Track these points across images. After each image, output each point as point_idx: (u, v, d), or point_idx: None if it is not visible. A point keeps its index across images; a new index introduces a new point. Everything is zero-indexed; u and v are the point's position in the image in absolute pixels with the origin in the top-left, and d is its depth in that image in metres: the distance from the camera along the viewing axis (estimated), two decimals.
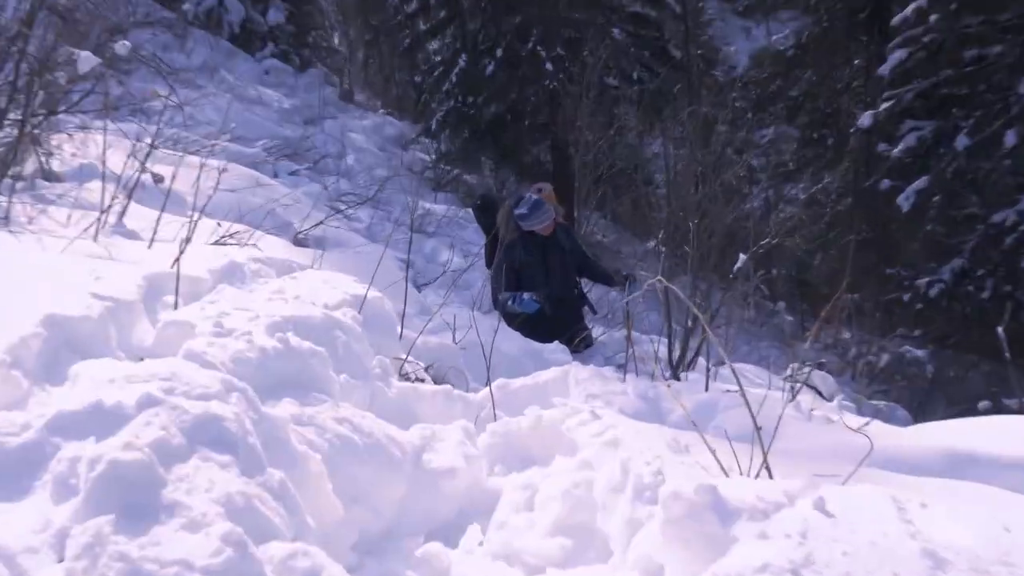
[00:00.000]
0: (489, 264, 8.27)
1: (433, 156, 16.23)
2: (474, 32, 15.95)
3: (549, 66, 15.16)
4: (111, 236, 5.07)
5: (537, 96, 15.43)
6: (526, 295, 7.58)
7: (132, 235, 5.25)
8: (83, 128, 6.93)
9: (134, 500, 2.47)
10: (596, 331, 7.98)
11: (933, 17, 14.19)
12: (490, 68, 15.60)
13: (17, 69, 5.95)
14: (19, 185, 5.66)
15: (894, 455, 3.82)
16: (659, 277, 4.30)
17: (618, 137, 16.81)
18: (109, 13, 10.30)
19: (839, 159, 17.20)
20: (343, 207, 10.04)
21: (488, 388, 4.72)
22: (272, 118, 13.47)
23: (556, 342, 6.97)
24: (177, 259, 4.20)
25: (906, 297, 14.50)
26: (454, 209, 13.49)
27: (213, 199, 6.10)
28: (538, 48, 15.25)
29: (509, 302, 7.61)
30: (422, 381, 5.08)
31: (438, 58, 17.06)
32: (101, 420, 2.73)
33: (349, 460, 3.37)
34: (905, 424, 8.91)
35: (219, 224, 6.02)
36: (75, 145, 6.76)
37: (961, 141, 14.14)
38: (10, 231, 4.68)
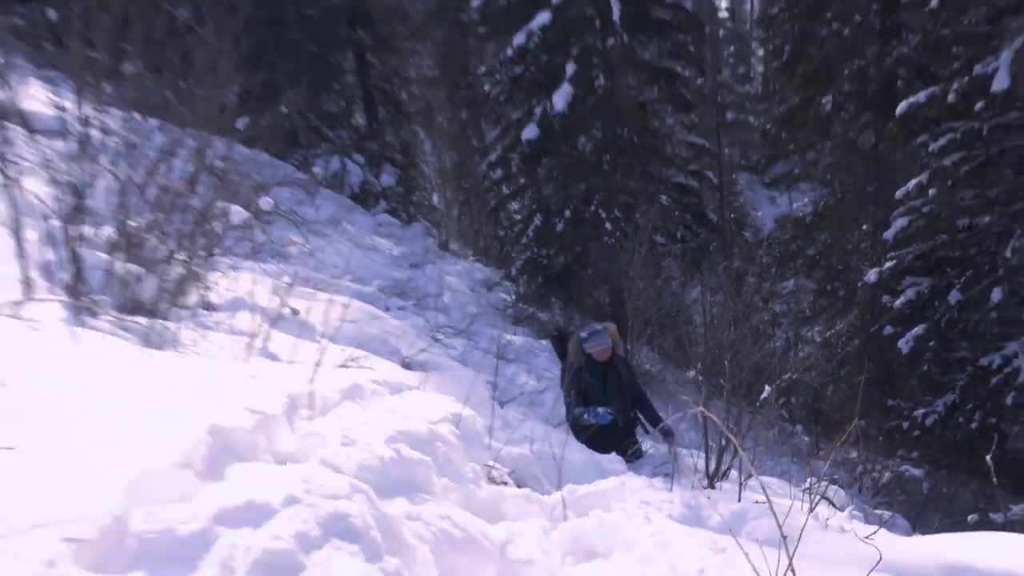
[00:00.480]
0: (562, 386, 8.32)
1: (513, 297, 16.36)
2: (547, 196, 16.18)
3: (608, 225, 15.32)
4: (258, 357, 5.20)
5: (598, 250, 15.55)
6: (600, 409, 7.59)
7: (274, 357, 5.38)
8: (235, 267, 7.16)
9: None
10: (645, 444, 7.99)
11: (932, 191, 14.24)
12: (560, 226, 15.80)
13: (183, 219, 6.18)
14: (184, 313, 5.83)
15: (899, 563, 3.80)
16: (700, 408, 4.33)
17: (664, 285, 16.93)
18: (255, 175, 10.61)
19: (849, 308, 17.11)
20: (441, 337, 10.19)
21: (560, 493, 4.76)
22: (384, 262, 13.67)
23: (613, 453, 7.00)
24: (311, 379, 4.31)
25: (906, 424, 14.38)
26: (530, 340, 13.56)
27: (339, 329, 6.25)
28: (599, 210, 15.43)
29: (584, 415, 7.62)
30: (506, 484, 5.11)
31: (518, 216, 17.32)
32: (254, 514, 2.80)
33: (448, 550, 3.42)
34: (905, 533, 8.75)
35: (343, 350, 6.14)
36: (228, 281, 6.96)
37: (954, 296, 14.11)
38: (178, 352, 4.83)
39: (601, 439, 7.44)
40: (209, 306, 6.49)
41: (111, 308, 5.25)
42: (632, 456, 7.64)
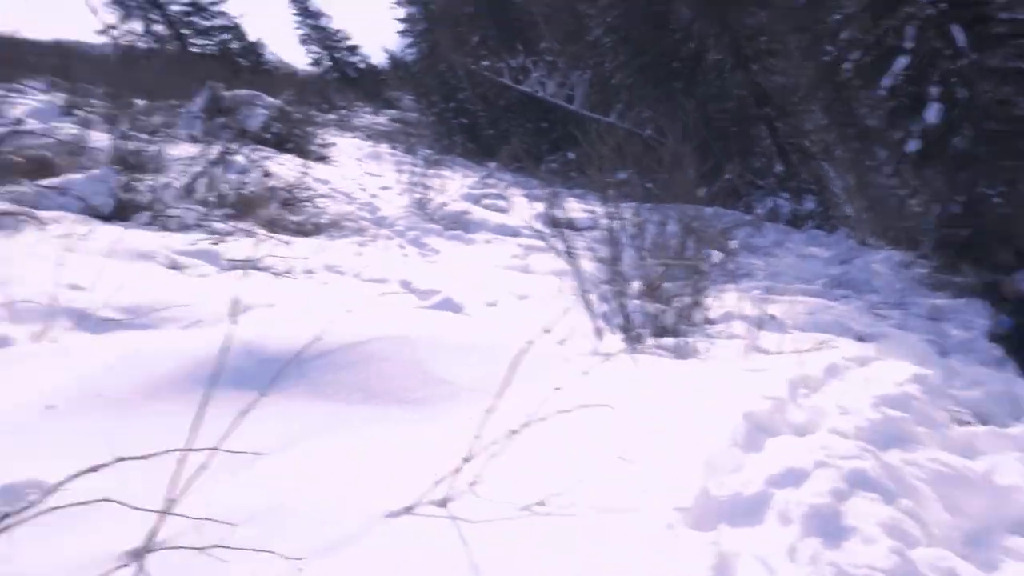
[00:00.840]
0: None
1: (929, 270, 14.48)
2: (938, 190, 14.12)
3: (997, 199, 13.03)
4: (754, 353, 4.99)
5: (993, 221, 13.29)
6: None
7: (765, 352, 5.13)
8: (720, 291, 7.00)
9: (828, 527, 2.34)
10: None
11: None
12: (955, 209, 13.68)
13: (683, 267, 6.17)
14: (695, 330, 5.77)
15: None
16: None
17: None
18: (718, 224, 10.48)
19: None
20: (880, 312, 9.24)
21: (1022, 426, 3.97)
22: (821, 265, 12.88)
23: None
24: (801, 365, 4.03)
25: None
26: (952, 300, 11.93)
27: (805, 321, 5.86)
28: (985, 190, 13.18)
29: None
30: (971, 423, 4.35)
31: (918, 209, 15.27)
32: (794, 476, 2.63)
33: (944, 484, 2.95)
34: None
35: (812, 336, 5.72)
36: (718, 302, 6.83)
37: None
38: (700, 359, 4.78)
39: None
40: (710, 321, 6.40)
41: (650, 336, 5.35)
42: None
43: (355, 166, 14.02)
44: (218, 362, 2.15)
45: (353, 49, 33.59)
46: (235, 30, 28.06)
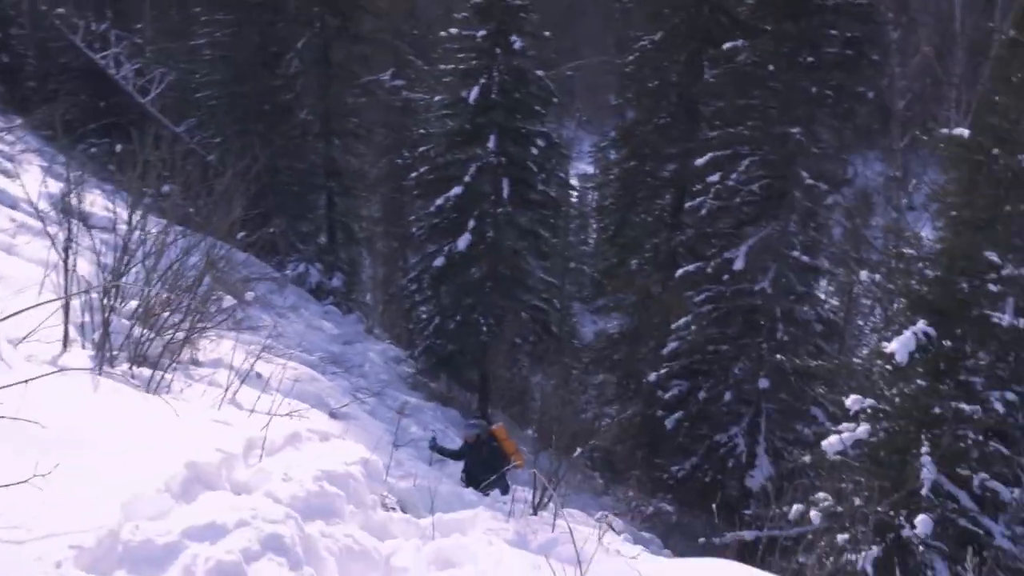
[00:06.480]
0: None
1: (413, 370, 16.14)
2: (445, 305, 16.11)
3: (484, 328, 15.33)
4: (228, 405, 4.93)
5: (475, 344, 15.53)
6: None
7: (239, 406, 5.10)
8: (219, 336, 6.84)
9: None
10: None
11: (693, 327, 14.70)
12: (451, 324, 15.69)
13: (191, 300, 5.90)
14: (178, 368, 5.52)
15: None
16: (534, 471, 4.28)
17: (517, 372, 17.03)
18: (244, 271, 10.32)
19: (637, 397, 17.34)
20: (359, 396, 9.86)
21: (431, 518, 4.56)
22: (326, 339, 13.30)
23: (471, 489, 6.89)
24: (265, 427, 4.10)
25: (665, 476, 14.54)
26: (422, 402, 13.35)
27: (290, 389, 6.00)
28: (479, 318, 15.45)
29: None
30: (395, 510, 4.91)
31: (423, 316, 17.13)
32: (214, 532, 2.64)
33: (349, 560, 3.24)
34: (659, 548, 8.82)
35: (290, 403, 5.85)
36: (213, 346, 6.65)
37: (701, 395, 14.51)
38: (171, 398, 4.55)
39: (467, 481, 7.45)
40: (197, 363, 6.17)
41: (127, 361, 4.95)
42: (483, 490, 7.48)
43: None
44: None
45: None
46: None
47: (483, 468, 7.49)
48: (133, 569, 2.39)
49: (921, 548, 8.33)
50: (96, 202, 9.19)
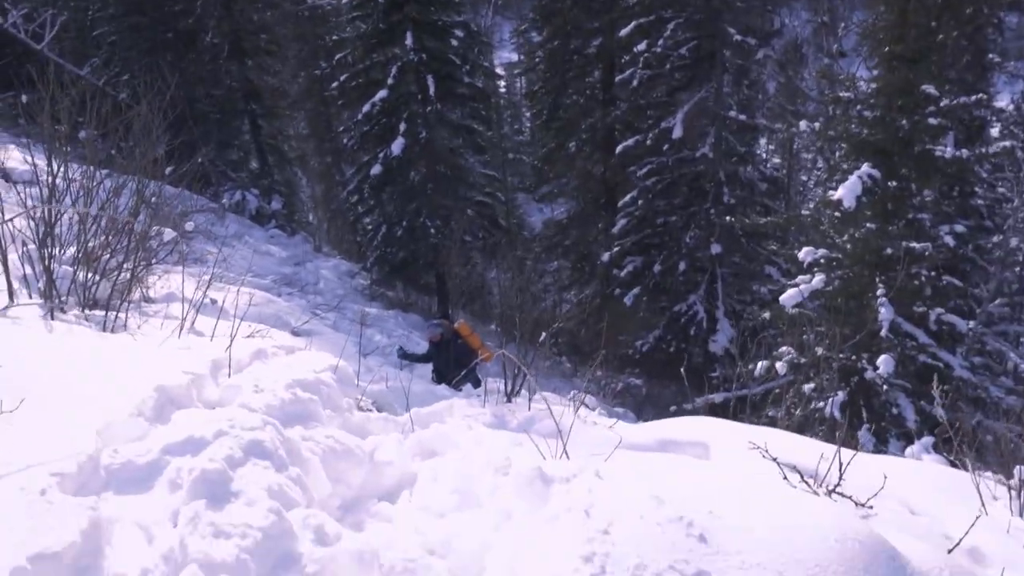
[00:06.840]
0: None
1: (368, 282, 16.13)
2: (389, 212, 15.96)
3: (432, 231, 15.30)
4: (188, 335, 4.94)
5: (426, 247, 15.52)
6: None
7: (200, 334, 5.12)
8: (167, 272, 6.75)
9: (215, 491, 2.47)
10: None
11: (640, 201, 14.87)
12: (399, 232, 15.60)
13: (129, 239, 5.78)
14: (130, 306, 5.47)
15: (631, 442, 3.99)
16: (503, 351, 4.40)
17: (472, 269, 17.12)
18: (180, 206, 10.06)
19: (592, 278, 17.66)
20: (319, 312, 9.92)
21: (408, 413, 4.72)
22: (276, 263, 13.18)
23: (443, 385, 7.05)
24: (228, 347, 4.14)
25: (631, 351, 14.95)
26: (382, 311, 13.44)
27: (246, 311, 6.00)
28: (426, 221, 15.39)
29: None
30: (371, 411, 5.05)
31: (369, 227, 16.95)
32: (193, 445, 2.71)
33: (333, 459, 3.36)
34: (632, 421, 9.16)
35: (250, 325, 5.89)
36: (163, 282, 6.58)
37: (656, 268, 14.80)
38: (128, 334, 4.55)
39: (438, 380, 7.65)
40: (149, 300, 6.11)
41: (77, 306, 4.89)
42: (456, 386, 7.65)
43: None
44: None
45: None
46: None
47: (452, 365, 7.64)
48: (120, 489, 2.46)
49: (885, 387, 8.72)
50: (14, 156, 8.81)
